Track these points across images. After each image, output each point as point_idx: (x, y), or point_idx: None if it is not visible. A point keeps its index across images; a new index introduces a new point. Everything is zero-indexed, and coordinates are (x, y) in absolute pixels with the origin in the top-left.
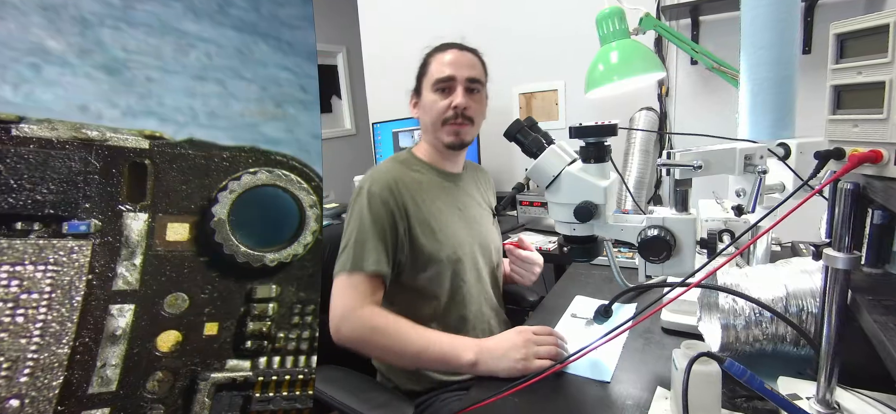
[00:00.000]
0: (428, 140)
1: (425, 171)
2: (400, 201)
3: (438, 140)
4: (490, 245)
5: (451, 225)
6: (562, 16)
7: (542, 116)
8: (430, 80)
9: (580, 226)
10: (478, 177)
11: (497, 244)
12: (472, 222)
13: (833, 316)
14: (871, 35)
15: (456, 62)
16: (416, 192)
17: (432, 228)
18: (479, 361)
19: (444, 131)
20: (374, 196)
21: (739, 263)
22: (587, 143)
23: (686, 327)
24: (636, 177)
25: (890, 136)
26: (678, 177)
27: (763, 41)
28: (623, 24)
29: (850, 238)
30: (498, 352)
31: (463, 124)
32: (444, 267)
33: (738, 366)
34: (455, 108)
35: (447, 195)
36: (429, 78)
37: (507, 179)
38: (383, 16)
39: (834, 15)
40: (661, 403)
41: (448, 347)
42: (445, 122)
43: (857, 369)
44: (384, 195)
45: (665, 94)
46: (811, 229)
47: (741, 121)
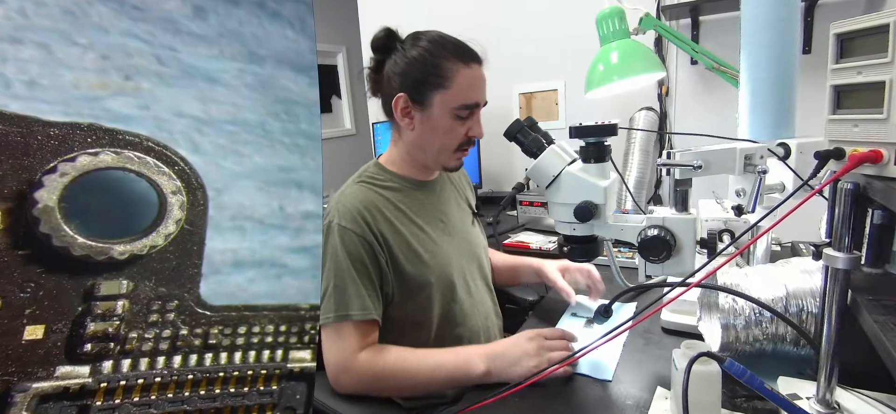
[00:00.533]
0: (412, 155)
1: (398, 183)
2: (376, 230)
3: (437, 163)
4: (478, 250)
5: (435, 243)
6: (562, 16)
7: (542, 116)
8: (451, 98)
9: (580, 226)
10: (451, 175)
11: (484, 246)
12: (455, 233)
13: (833, 316)
14: (871, 35)
15: (481, 83)
16: (392, 214)
17: (416, 251)
18: (491, 369)
19: (451, 158)
20: (346, 232)
21: (739, 263)
22: (587, 143)
23: (686, 327)
24: (636, 177)
25: (890, 136)
26: (678, 177)
27: (763, 41)
28: (623, 24)
29: (850, 238)
30: (510, 359)
31: (468, 149)
32: (435, 290)
33: (738, 366)
34: (472, 138)
35: (426, 208)
36: (449, 96)
37: (507, 179)
38: (383, 16)
39: (834, 15)
40: (661, 403)
41: (456, 365)
42: (456, 148)
43: (857, 369)
44: (357, 228)
45: (665, 94)
46: (811, 229)
47: (741, 121)
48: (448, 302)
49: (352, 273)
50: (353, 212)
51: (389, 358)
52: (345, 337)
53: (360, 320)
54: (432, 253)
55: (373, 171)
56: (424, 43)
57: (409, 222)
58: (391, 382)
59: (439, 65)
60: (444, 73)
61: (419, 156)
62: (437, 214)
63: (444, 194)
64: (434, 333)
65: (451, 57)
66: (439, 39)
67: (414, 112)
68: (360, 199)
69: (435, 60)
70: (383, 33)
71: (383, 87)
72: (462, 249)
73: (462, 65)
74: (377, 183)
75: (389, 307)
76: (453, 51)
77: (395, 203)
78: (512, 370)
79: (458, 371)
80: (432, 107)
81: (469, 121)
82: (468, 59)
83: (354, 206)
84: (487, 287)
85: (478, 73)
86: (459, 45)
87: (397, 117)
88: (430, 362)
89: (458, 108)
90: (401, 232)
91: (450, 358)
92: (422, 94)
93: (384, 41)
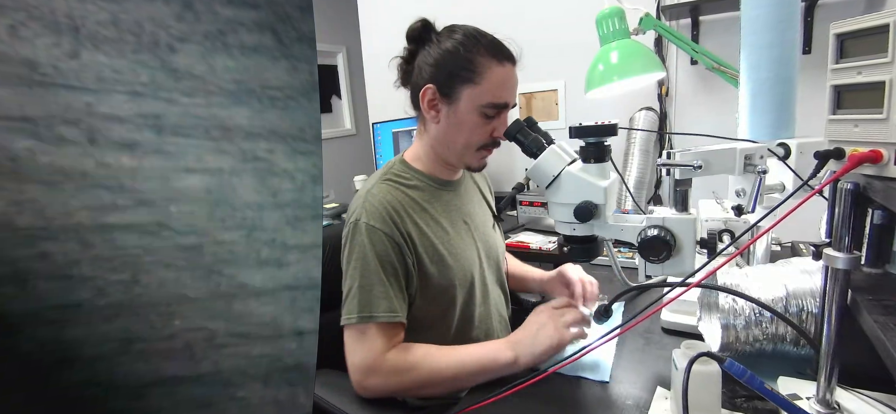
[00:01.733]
0: (436, 151)
1: (424, 183)
2: (403, 230)
3: (460, 161)
4: (497, 253)
5: (459, 245)
6: (562, 16)
7: (542, 116)
8: (480, 94)
9: (580, 226)
10: (474, 175)
11: (503, 249)
12: (478, 235)
13: (833, 316)
14: (871, 35)
15: (513, 83)
16: (418, 215)
17: (440, 254)
18: (517, 355)
19: (474, 157)
20: (374, 231)
21: (739, 263)
22: (587, 143)
23: (686, 327)
24: (636, 177)
25: (890, 136)
26: (678, 177)
27: (763, 41)
28: (623, 24)
29: (850, 238)
30: (530, 338)
31: (492, 149)
32: (457, 293)
33: (738, 366)
34: (497, 139)
35: (450, 209)
36: (478, 92)
37: (507, 179)
38: (383, 16)
39: (834, 15)
40: (661, 403)
41: (483, 358)
42: (481, 147)
43: (857, 369)
44: (386, 228)
45: (665, 94)
46: (811, 229)
47: (741, 121)
48: (468, 304)
49: (380, 274)
50: (382, 211)
51: (416, 355)
52: (371, 338)
53: (384, 323)
54: (455, 255)
55: (399, 169)
56: (459, 35)
57: (434, 224)
58: (419, 381)
59: (472, 59)
60: (475, 68)
61: (443, 151)
62: (461, 214)
63: (468, 194)
64: (452, 335)
65: (484, 52)
66: (475, 34)
67: (441, 105)
68: (388, 198)
69: (468, 54)
70: (420, 23)
71: (413, 79)
72: (482, 250)
73: (495, 62)
74: (403, 182)
75: (411, 307)
76: (488, 47)
77: (421, 204)
78: (535, 348)
79: (486, 361)
80: (459, 101)
81: (495, 120)
82: (502, 57)
83: (382, 205)
84: (502, 290)
85: (510, 73)
86: (495, 42)
87: (423, 109)
88: (454, 357)
89: (486, 106)
90: (426, 234)
91: (476, 351)
92: (450, 87)
93: (420, 31)
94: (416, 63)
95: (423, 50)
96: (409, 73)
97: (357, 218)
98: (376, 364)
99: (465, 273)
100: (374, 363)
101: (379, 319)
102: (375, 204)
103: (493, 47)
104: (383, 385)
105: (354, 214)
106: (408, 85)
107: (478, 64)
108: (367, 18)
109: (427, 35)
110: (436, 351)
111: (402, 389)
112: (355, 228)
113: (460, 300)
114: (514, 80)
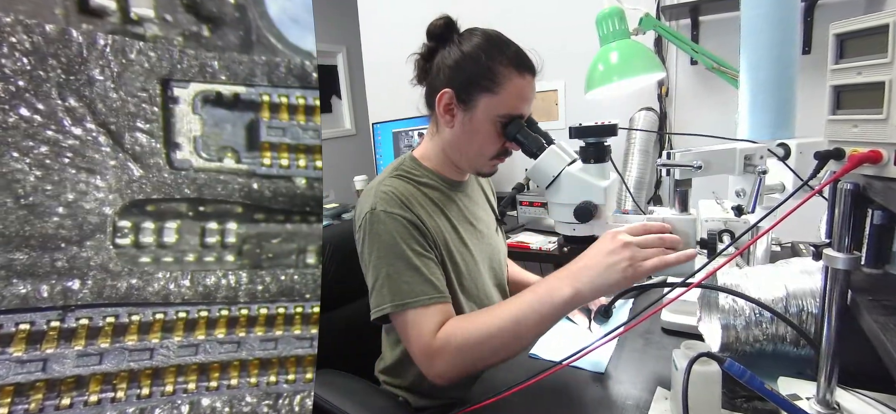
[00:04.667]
0: (447, 154)
1: (435, 181)
2: (420, 216)
3: (471, 167)
4: (500, 257)
5: (466, 246)
6: (561, 16)
7: (542, 116)
8: (497, 104)
9: (580, 226)
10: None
11: (505, 253)
12: (483, 237)
13: (833, 316)
14: (870, 35)
15: (532, 95)
16: (431, 210)
17: (450, 251)
18: (578, 290)
19: (487, 164)
20: (393, 217)
21: (739, 264)
22: (587, 143)
23: (686, 327)
24: (636, 177)
25: (890, 136)
26: (678, 177)
27: (763, 41)
28: (623, 24)
29: (849, 238)
30: (597, 269)
31: (505, 158)
32: (461, 293)
33: (738, 366)
34: (510, 149)
35: (458, 209)
36: (495, 102)
37: (507, 179)
38: (383, 16)
39: (834, 15)
40: (661, 404)
41: (538, 299)
42: (493, 156)
43: (857, 369)
44: (404, 211)
45: (665, 94)
46: (811, 229)
47: (741, 121)
48: (471, 305)
49: (406, 257)
50: (398, 198)
51: (470, 325)
52: (415, 326)
53: (425, 305)
54: (462, 254)
55: (410, 166)
56: (480, 40)
57: (445, 220)
58: (482, 347)
59: (492, 68)
60: (494, 78)
61: (454, 156)
62: (468, 215)
63: (474, 195)
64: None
65: (505, 62)
66: (497, 40)
67: (457, 111)
68: (401, 189)
69: (488, 62)
70: (442, 21)
71: (430, 78)
72: (487, 254)
73: (516, 73)
74: (415, 178)
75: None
76: (511, 57)
77: (433, 200)
78: (604, 279)
79: (543, 306)
80: (476, 109)
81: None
82: (523, 68)
83: (397, 194)
84: (502, 296)
85: (530, 84)
86: (519, 52)
87: (439, 113)
88: (508, 311)
89: (502, 117)
90: (441, 231)
91: (528, 297)
92: (469, 94)
93: (442, 29)
94: (434, 62)
95: (443, 49)
96: (426, 71)
97: (373, 206)
98: (431, 349)
99: (470, 273)
100: (427, 349)
101: (415, 304)
102: (389, 192)
103: (516, 58)
104: (450, 366)
105: (368, 205)
106: (423, 83)
107: (498, 74)
108: (367, 18)
109: (449, 34)
110: (485, 315)
111: (469, 363)
112: (372, 217)
113: (464, 300)
114: (532, 92)
